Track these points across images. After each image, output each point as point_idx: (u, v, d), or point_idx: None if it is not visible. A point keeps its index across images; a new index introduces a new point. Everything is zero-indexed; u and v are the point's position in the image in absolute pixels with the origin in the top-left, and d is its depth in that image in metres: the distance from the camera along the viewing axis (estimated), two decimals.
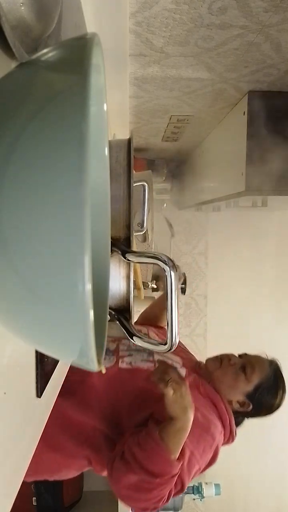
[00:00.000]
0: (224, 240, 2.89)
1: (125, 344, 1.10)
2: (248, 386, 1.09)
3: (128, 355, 1.06)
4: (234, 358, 1.14)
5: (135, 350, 1.08)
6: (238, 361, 1.13)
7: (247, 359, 1.13)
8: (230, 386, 1.09)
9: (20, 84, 0.24)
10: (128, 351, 1.08)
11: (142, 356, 1.06)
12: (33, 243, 0.20)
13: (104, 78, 0.28)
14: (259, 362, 1.13)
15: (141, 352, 1.07)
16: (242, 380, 1.09)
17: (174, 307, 0.37)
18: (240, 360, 1.13)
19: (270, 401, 1.11)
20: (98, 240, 0.34)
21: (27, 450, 0.48)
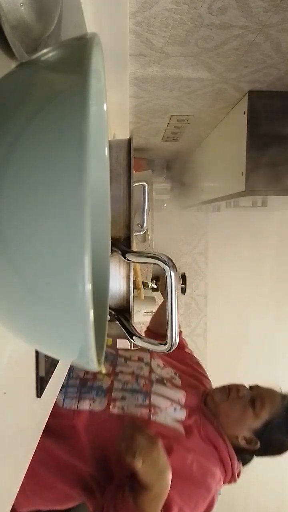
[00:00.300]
0: (224, 240, 2.89)
1: (121, 380, 1.02)
2: (256, 422, 1.00)
3: (121, 397, 0.97)
4: (243, 390, 1.06)
5: (130, 390, 0.99)
6: (247, 394, 1.04)
7: (258, 392, 1.05)
8: (236, 421, 1.01)
9: (20, 84, 0.24)
10: (122, 391, 0.99)
11: (136, 400, 0.97)
12: (33, 243, 0.20)
13: (104, 78, 0.28)
14: (271, 396, 1.05)
15: (136, 394, 0.98)
16: (250, 415, 1.00)
17: (174, 307, 0.37)
18: (250, 393, 1.05)
19: (280, 440, 1.02)
20: (98, 240, 0.34)
21: (27, 450, 0.48)
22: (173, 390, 1.03)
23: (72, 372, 1.03)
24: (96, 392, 0.98)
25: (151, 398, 0.98)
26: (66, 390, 0.99)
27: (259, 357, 2.85)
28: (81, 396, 0.97)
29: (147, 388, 1.01)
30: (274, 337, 2.90)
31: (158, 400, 0.98)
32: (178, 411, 0.98)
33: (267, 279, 2.90)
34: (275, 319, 2.90)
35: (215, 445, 0.97)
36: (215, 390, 1.10)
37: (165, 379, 1.07)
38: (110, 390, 0.99)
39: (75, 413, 0.94)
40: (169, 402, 0.99)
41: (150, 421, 0.93)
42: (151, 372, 1.07)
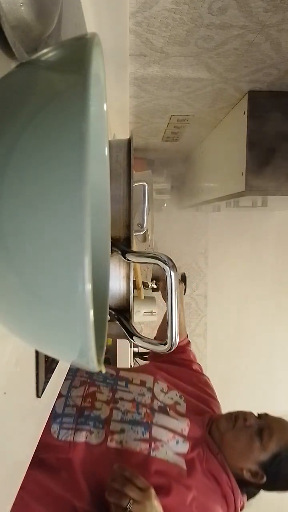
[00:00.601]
0: (224, 240, 2.89)
1: (120, 409, 0.95)
2: (263, 455, 0.93)
3: (120, 430, 0.90)
4: (250, 419, 0.98)
5: (130, 422, 0.92)
6: (254, 423, 0.97)
7: (266, 422, 0.97)
8: (242, 452, 0.94)
9: (20, 84, 0.24)
10: (121, 422, 0.92)
11: (136, 433, 0.90)
12: (33, 243, 0.20)
13: (104, 78, 0.28)
14: (280, 426, 0.97)
15: (136, 427, 0.91)
16: (257, 447, 0.93)
17: (174, 307, 0.37)
18: (258, 422, 0.97)
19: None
20: (98, 240, 0.34)
21: (27, 450, 0.48)
22: (176, 420, 0.96)
23: (68, 399, 0.97)
24: (94, 423, 0.91)
25: (152, 430, 0.92)
26: (62, 420, 0.92)
27: (259, 357, 2.86)
28: (78, 427, 0.90)
29: (148, 418, 0.94)
30: (274, 337, 2.90)
31: (160, 432, 0.92)
32: (180, 444, 0.92)
33: (267, 279, 2.90)
34: (275, 319, 2.91)
35: (217, 480, 0.92)
36: (220, 417, 1.02)
37: (168, 406, 1.00)
38: (108, 421, 0.92)
39: (71, 446, 0.88)
40: (171, 434, 0.93)
41: (150, 457, 0.87)
42: (153, 399, 1.00)
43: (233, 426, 0.96)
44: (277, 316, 2.90)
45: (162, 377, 1.08)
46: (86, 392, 0.98)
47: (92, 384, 1.01)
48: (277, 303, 2.91)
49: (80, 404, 0.95)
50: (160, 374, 1.09)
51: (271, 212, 2.74)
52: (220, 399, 1.14)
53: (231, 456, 0.94)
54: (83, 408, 0.94)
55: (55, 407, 0.93)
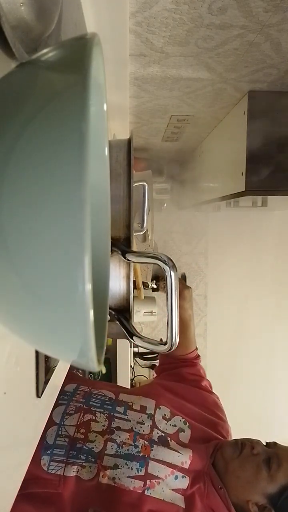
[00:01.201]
0: (224, 240, 2.89)
1: (116, 440, 0.89)
2: (271, 487, 0.84)
3: (114, 465, 0.85)
4: (258, 447, 0.90)
5: (125, 456, 0.86)
6: (262, 451, 0.89)
7: (275, 451, 0.89)
8: (248, 482, 0.86)
9: (20, 84, 0.24)
10: (115, 457, 0.86)
11: (131, 470, 0.84)
12: (33, 243, 0.20)
13: (104, 78, 0.28)
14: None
15: (131, 463, 0.85)
16: (265, 477, 0.85)
17: (174, 307, 0.37)
18: (265, 451, 0.89)
19: None
20: (98, 240, 0.34)
21: (27, 450, 0.48)
22: (177, 452, 0.90)
23: (61, 429, 0.91)
24: (86, 456, 0.86)
25: (149, 466, 0.85)
26: (53, 451, 0.87)
27: (259, 357, 2.86)
28: (69, 461, 0.86)
29: (145, 452, 0.88)
30: (274, 337, 2.90)
31: (157, 468, 0.86)
32: (179, 480, 0.86)
33: (267, 279, 2.90)
34: (275, 319, 2.91)
35: None
36: (226, 444, 0.94)
37: (169, 436, 0.93)
38: (101, 455, 0.86)
39: (60, 480, 0.83)
40: (169, 469, 0.86)
41: (144, 496, 0.81)
42: (153, 429, 0.93)
43: (239, 454, 0.90)
44: (277, 316, 2.90)
45: (166, 401, 1.01)
46: (81, 421, 0.92)
47: (87, 410, 0.95)
48: (277, 303, 2.90)
49: (73, 435, 0.90)
50: (164, 398, 1.02)
51: (271, 212, 2.74)
52: (220, 399, 1.14)
53: (236, 487, 0.87)
54: (75, 439, 0.89)
55: (46, 437, 0.89)
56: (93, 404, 0.97)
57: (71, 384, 1.04)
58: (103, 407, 0.96)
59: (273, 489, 0.85)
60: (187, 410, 1.01)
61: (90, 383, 1.09)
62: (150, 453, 0.87)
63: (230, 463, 0.89)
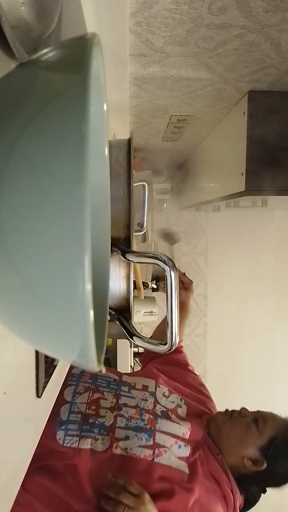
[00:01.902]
0: (224, 240, 2.89)
1: (124, 415, 0.97)
2: (261, 440, 0.98)
3: (125, 437, 0.93)
4: (245, 411, 1.05)
5: (134, 428, 0.95)
6: (249, 414, 1.03)
7: (259, 413, 1.04)
8: (240, 438, 0.99)
9: (20, 84, 0.24)
10: (125, 429, 0.94)
11: (140, 440, 0.93)
12: (33, 243, 0.20)
13: (104, 78, 0.28)
14: (273, 417, 1.03)
15: (140, 433, 0.94)
16: (254, 432, 0.98)
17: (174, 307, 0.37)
18: (251, 413, 1.04)
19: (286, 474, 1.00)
20: (98, 240, 0.34)
21: (27, 450, 0.48)
22: (178, 425, 1.00)
23: (73, 406, 0.99)
24: (99, 430, 0.94)
25: (156, 436, 0.95)
26: (67, 426, 0.94)
27: (259, 357, 2.86)
28: (82, 435, 0.93)
29: (151, 425, 0.97)
30: (274, 337, 2.90)
31: (163, 438, 0.95)
32: (182, 448, 0.96)
33: (267, 279, 2.90)
34: (275, 319, 2.91)
35: (218, 481, 0.96)
36: (217, 414, 1.08)
37: (170, 410, 1.04)
38: (113, 428, 0.94)
39: (75, 452, 0.90)
40: (173, 439, 0.96)
41: (154, 463, 0.91)
42: (156, 404, 1.03)
43: (229, 418, 1.02)
44: (277, 316, 2.90)
45: (163, 381, 1.10)
46: (91, 398, 1.00)
47: (95, 390, 1.02)
48: (277, 303, 2.91)
49: (85, 411, 0.97)
50: (161, 378, 1.11)
51: (271, 212, 2.74)
52: (220, 399, 1.15)
53: (230, 446, 0.98)
54: (87, 415, 0.96)
55: (60, 414, 0.96)
56: (100, 384, 1.05)
57: (77, 368, 1.08)
58: (109, 387, 1.05)
59: (263, 441, 0.97)
60: (180, 389, 1.12)
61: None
62: (156, 426, 0.97)
63: (222, 427, 1.01)
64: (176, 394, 1.09)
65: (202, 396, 1.16)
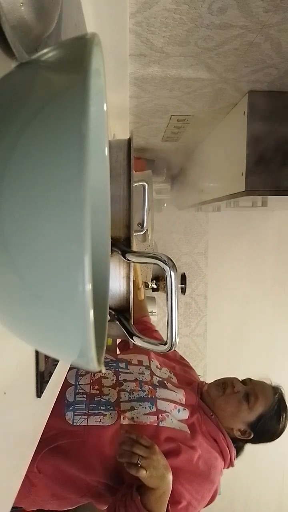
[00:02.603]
0: (224, 240, 2.89)
1: (126, 389, 1.04)
2: (251, 416, 1.07)
3: (130, 408, 1.01)
4: (237, 385, 1.11)
5: (137, 399, 1.03)
6: (241, 389, 1.10)
7: (251, 387, 1.11)
8: (232, 414, 1.08)
9: (20, 84, 0.24)
10: (130, 402, 1.02)
11: (144, 409, 1.01)
12: (33, 243, 0.20)
13: (104, 78, 0.28)
14: (263, 390, 1.11)
15: (143, 403, 1.02)
16: (245, 409, 1.07)
17: (174, 307, 0.37)
18: (244, 388, 1.11)
19: (271, 430, 1.11)
20: (98, 240, 0.34)
21: (27, 450, 0.48)
22: (174, 391, 1.08)
23: (77, 388, 1.05)
24: (105, 406, 1.00)
25: (157, 404, 1.03)
26: (75, 407, 1.00)
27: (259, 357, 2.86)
28: (90, 413, 0.99)
29: (152, 394, 1.05)
30: (274, 337, 2.90)
31: (164, 404, 1.03)
32: (181, 412, 1.05)
33: (267, 279, 2.90)
34: (275, 319, 2.91)
35: (215, 438, 1.06)
36: (210, 385, 1.15)
37: (165, 380, 1.12)
38: (118, 403, 1.01)
39: (85, 430, 0.96)
40: (173, 405, 1.04)
41: (159, 427, 0.98)
42: (152, 376, 1.11)
43: (223, 392, 1.11)
44: (277, 316, 2.90)
45: (153, 355, 1.20)
46: (93, 379, 1.07)
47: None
48: (277, 303, 2.91)
49: (89, 391, 1.04)
50: (152, 353, 1.20)
51: (271, 212, 2.74)
52: None
53: (223, 418, 1.08)
54: (92, 395, 1.03)
55: (66, 396, 1.02)
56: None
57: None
58: (108, 366, 1.13)
59: (252, 417, 1.08)
60: (167, 363, 1.22)
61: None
62: (156, 394, 1.05)
63: (216, 400, 1.10)
64: (166, 368, 1.19)
65: (185, 367, 1.26)
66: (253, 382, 1.14)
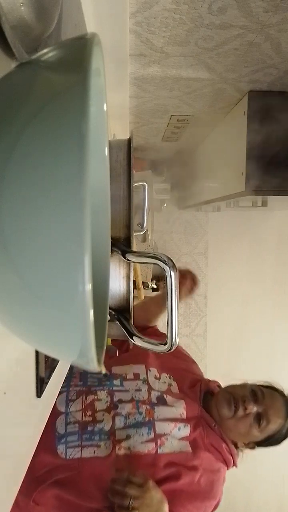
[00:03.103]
0: (224, 240, 2.89)
1: (122, 413, 0.96)
2: (260, 437, 1.03)
3: (126, 437, 0.93)
4: (249, 405, 1.02)
5: (134, 425, 0.95)
6: (253, 410, 1.02)
7: (264, 408, 1.03)
8: (240, 434, 1.04)
9: (20, 84, 0.24)
10: (125, 429, 0.94)
11: (142, 436, 0.94)
12: (33, 243, 0.20)
13: (104, 78, 0.28)
14: (276, 411, 1.04)
15: (140, 429, 0.94)
16: (255, 432, 1.02)
17: (174, 307, 0.37)
18: (255, 408, 1.03)
19: (278, 441, 1.07)
20: (98, 240, 0.34)
21: (27, 450, 0.48)
22: (174, 406, 1.01)
23: (69, 416, 0.97)
24: (99, 436, 0.93)
25: (156, 427, 0.96)
26: (67, 439, 0.93)
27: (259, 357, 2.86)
28: (84, 444, 0.92)
29: (150, 416, 0.98)
30: (274, 337, 2.90)
31: (163, 426, 0.97)
32: (182, 429, 0.98)
33: (267, 279, 2.90)
34: (275, 319, 2.91)
35: (219, 450, 1.01)
36: (220, 399, 1.07)
37: (164, 393, 1.05)
38: (113, 431, 0.94)
39: (79, 462, 0.91)
40: (173, 424, 0.98)
41: (158, 455, 0.93)
42: (150, 391, 1.03)
43: (234, 413, 1.02)
44: (277, 316, 2.90)
45: (152, 361, 1.11)
46: (85, 403, 0.98)
47: (88, 391, 1.01)
48: (277, 303, 2.90)
49: (82, 419, 0.95)
50: (149, 358, 1.12)
51: (271, 212, 2.73)
52: None
53: (228, 435, 1.04)
54: (85, 423, 0.95)
55: (57, 428, 0.95)
56: (91, 384, 1.03)
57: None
58: (101, 384, 1.04)
59: (260, 438, 1.04)
60: (167, 366, 1.13)
61: None
62: (154, 415, 0.98)
63: (225, 421, 1.03)
64: (165, 373, 1.10)
65: (185, 361, 1.19)
66: (266, 399, 1.05)
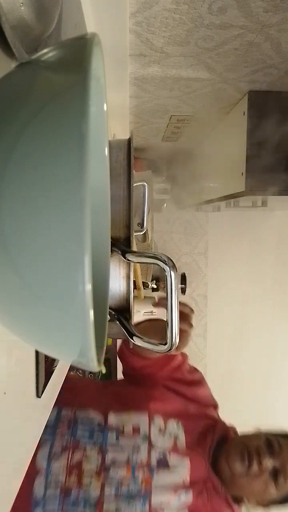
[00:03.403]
0: (224, 240, 2.89)
1: (113, 480, 0.82)
2: (275, 495, 0.89)
3: (116, 510, 0.79)
4: (265, 460, 0.88)
5: (126, 497, 0.80)
6: (269, 465, 0.88)
7: (282, 462, 0.88)
8: (253, 494, 0.90)
9: (20, 84, 0.24)
10: (115, 500, 0.80)
11: (135, 510, 0.80)
12: (33, 243, 0.20)
13: (104, 78, 0.28)
14: None
15: (133, 502, 0.80)
16: (272, 489, 0.87)
17: (174, 307, 0.36)
18: (272, 462, 0.88)
19: None
20: (98, 240, 0.34)
21: (27, 450, 0.48)
22: (176, 470, 0.86)
23: (49, 477, 0.81)
24: (84, 505, 0.78)
25: (152, 499, 0.81)
26: (44, 506, 0.78)
27: (259, 357, 2.86)
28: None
29: (146, 484, 0.83)
30: (274, 337, 2.90)
31: (160, 497, 0.82)
32: (183, 497, 0.84)
33: (267, 279, 2.90)
34: (275, 319, 2.91)
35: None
36: (232, 452, 0.91)
37: (167, 451, 0.88)
38: (100, 501, 0.79)
39: None
40: (173, 492, 0.83)
41: None
42: (150, 452, 0.87)
43: (247, 469, 0.88)
44: (277, 316, 2.90)
45: (158, 407, 0.94)
46: (70, 462, 0.83)
47: (76, 446, 0.86)
48: (277, 303, 2.90)
49: (65, 482, 0.81)
50: (155, 404, 0.95)
51: (271, 212, 2.74)
52: (220, 400, 1.13)
53: (241, 494, 0.90)
54: (68, 487, 0.80)
55: (34, 490, 0.80)
56: (82, 436, 0.88)
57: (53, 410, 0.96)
58: (93, 437, 0.88)
59: (277, 497, 0.89)
60: (175, 404, 0.97)
61: (74, 399, 0.96)
62: (151, 484, 0.83)
63: (237, 479, 0.89)
64: (173, 421, 0.93)
65: (197, 404, 1.01)
66: (283, 451, 0.90)
